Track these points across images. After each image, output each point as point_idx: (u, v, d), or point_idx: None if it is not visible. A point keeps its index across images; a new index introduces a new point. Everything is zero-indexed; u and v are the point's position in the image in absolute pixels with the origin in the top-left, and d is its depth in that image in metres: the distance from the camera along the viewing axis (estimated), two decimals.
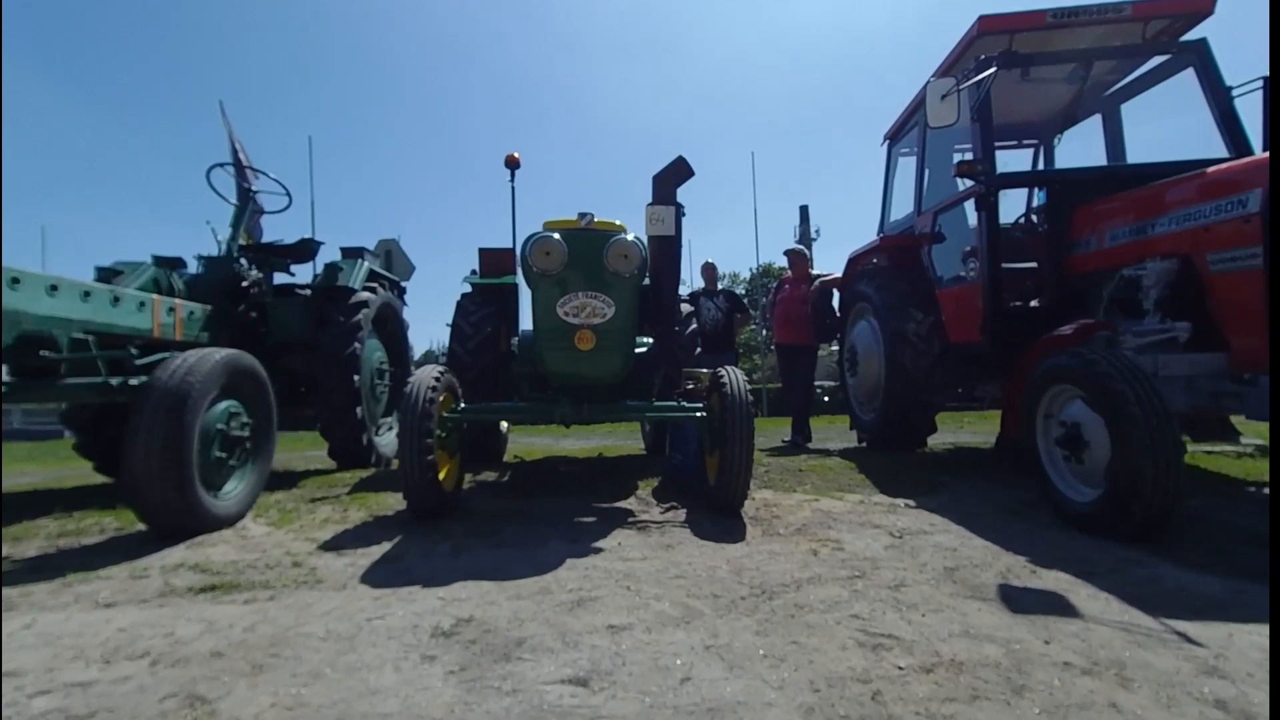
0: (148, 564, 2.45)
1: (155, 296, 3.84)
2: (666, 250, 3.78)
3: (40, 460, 7.69)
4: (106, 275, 4.53)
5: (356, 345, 4.85)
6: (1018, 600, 1.98)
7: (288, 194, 5.65)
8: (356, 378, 4.83)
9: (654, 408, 3.64)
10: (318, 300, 5.02)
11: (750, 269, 38.62)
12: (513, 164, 5.27)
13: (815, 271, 7.13)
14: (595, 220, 3.66)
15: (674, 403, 3.66)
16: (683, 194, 3.81)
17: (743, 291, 31.42)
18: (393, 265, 6.66)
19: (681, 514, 3.36)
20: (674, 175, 3.86)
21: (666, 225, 3.79)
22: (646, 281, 3.69)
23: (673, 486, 4.05)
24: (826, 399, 26.86)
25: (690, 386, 4.20)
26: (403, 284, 6.47)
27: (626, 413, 3.63)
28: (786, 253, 7.18)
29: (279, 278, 5.52)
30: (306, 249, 5.44)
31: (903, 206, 5.76)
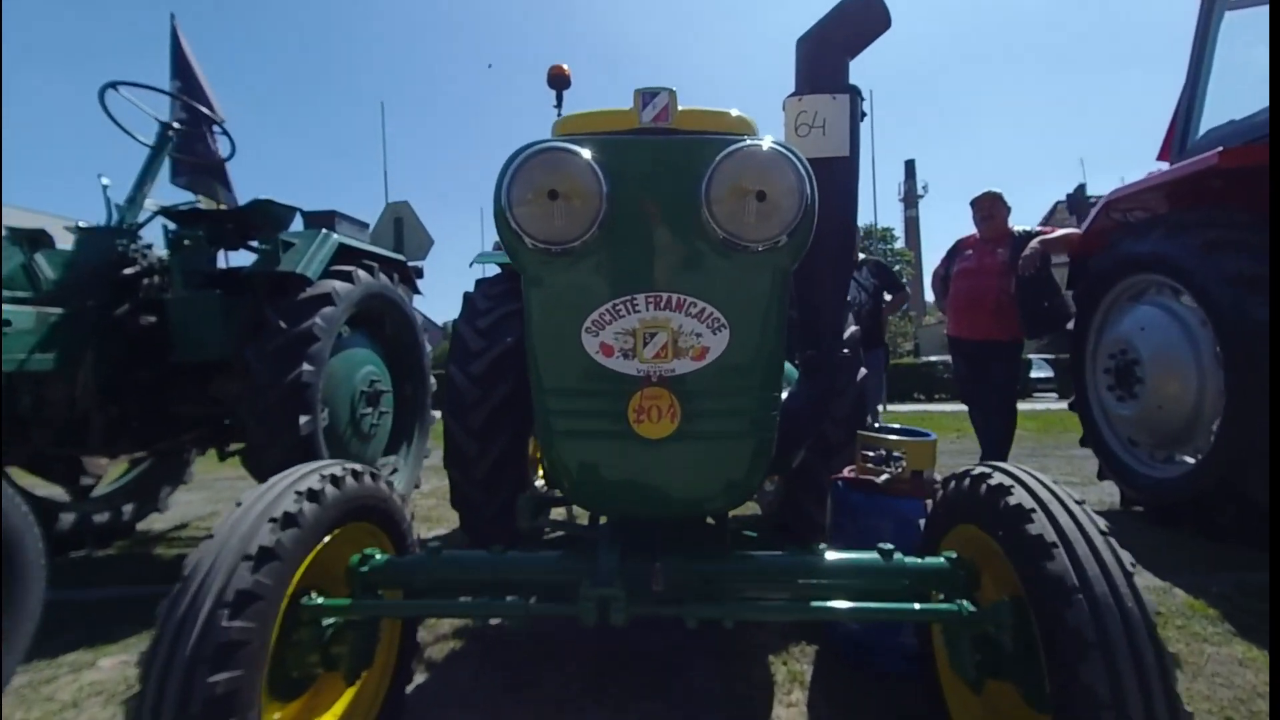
0: None
1: None
2: (832, 189, 1.60)
3: None
4: None
5: (306, 367, 3.03)
6: None
7: (229, 137, 3.91)
8: (306, 419, 3.02)
9: (822, 567, 1.49)
10: (254, 295, 3.24)
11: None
12: (559, 80, 3.23)
13: (1019, 228, 4.65)
14: (681, 109, 1.56)
15: (872, 554, 1.50)
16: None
17: None
18: (403, 239, 4.84)
19: None
20: (849, 30, 1.75)
21: (833, 137, 1.70)
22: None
23: (852, 686, 1.96)
24: (948, 376, 23.50)
25: (882, 474, 2.04)
26: (414, 264, 4.64)
27: (749, 600, 1.50)
28: (976, 201, 4.71)
29: (234, 259, 3.83)
30: (265, 215, 3.65)
31: (1237, 102, 3.22)
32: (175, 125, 3.55)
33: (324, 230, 3.51)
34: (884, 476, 1.93)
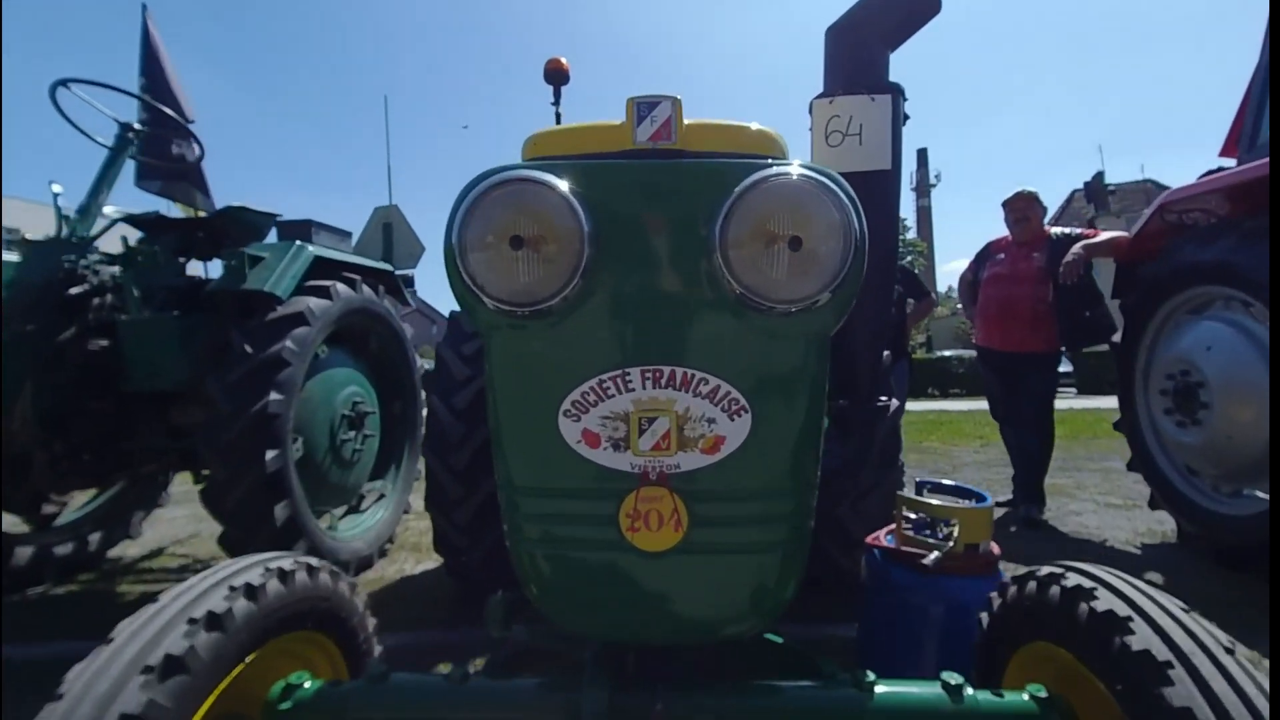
0: None
1: None
2: (870, 212, 1.25)
3: None
4: None
5: (274, 396, 2.74)
6: None
7: (196, 139, 3.60)
8: (273, 453, 2.73)
9: None
10: (218, 316, 2.95)
11: None
12: (557, 76, 2.93)
13: (1056, 230, 4.29)
14: (688, 122, 1.22)
15: (934, 688, 1.17)
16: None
17: None
18: (392, 246, 4.53)
19: None
20: (891, 16, 1.41)
21: (871, 146, 1.35)
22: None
23: None
24: (962, 370, 22.97)
25: (929, 549, 1.71)
26: (403, 273, 4.34)
27: None
28: (1009, 202, 4.34)
29: (200, 270, 3.55)
30: (238, 223, 3.37)
31: None
32: (136, 126, 3.25)
33: (297, 242, 3.21)
34: (933, 555, 1.61)
